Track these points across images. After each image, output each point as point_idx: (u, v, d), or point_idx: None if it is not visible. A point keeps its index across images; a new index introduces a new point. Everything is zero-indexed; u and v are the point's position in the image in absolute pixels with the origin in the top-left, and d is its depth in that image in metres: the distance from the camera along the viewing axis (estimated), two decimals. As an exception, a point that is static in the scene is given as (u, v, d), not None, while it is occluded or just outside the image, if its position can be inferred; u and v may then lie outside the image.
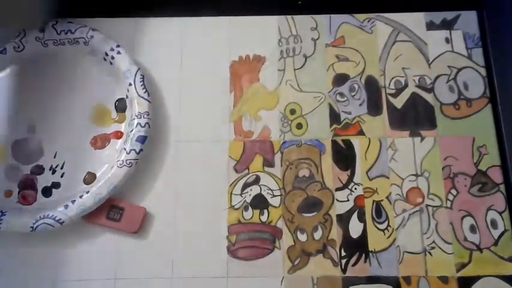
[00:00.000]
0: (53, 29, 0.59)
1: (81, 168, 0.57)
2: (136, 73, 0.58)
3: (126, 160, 0.55)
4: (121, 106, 0.59)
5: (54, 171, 0.57)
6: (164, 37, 0.62)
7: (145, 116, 0.56)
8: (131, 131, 0.56)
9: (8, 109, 0.59)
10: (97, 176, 0.56)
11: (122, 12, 0.61)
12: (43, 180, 0.57)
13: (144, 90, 0.57)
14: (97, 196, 0.54)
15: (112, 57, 0.58)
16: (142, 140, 0.56)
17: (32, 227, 0.52)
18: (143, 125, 0.56)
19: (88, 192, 0.54)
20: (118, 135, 0.58)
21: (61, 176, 0.57)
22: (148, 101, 0.57)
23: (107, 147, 0.58)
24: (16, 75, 0.60)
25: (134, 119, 0.57)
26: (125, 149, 0.56)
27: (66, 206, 0.53)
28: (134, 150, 0.55)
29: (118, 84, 0.59)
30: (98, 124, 0.59)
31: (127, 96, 0.58)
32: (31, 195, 0.56)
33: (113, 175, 0.54)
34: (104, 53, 0.59)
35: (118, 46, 0.59)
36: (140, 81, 0.57)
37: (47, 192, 0.56)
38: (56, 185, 0.56)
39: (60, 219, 0.53)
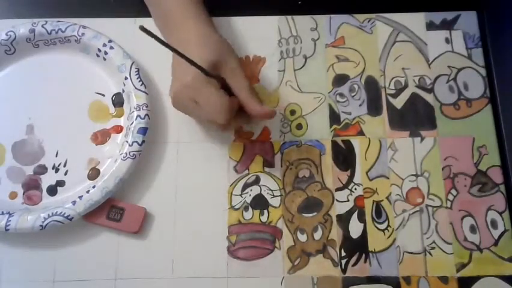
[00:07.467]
0: (43, 29, 0.59)
1: (84, 165, 0.57)
2: (131, 66, 0.58)
3: (130, 152, 0.55)
4: (118, 101, 0.59)
5: (57, 170, 0.57)
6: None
7: (144, 108, 0.57)
8: (132, 123, 0.56)
9: (4, 110, 0.60)
10: (101, 171, 0.56)
11: (122, 12, 0.61)
12: (47, 180, 0.57)
13: (141, 83, 0.57)
14: (104, 190, 0.54)
15: (105, 53, 0.59)
16: (143, 131, 0.56)
17: (41, 225, 0.53)
18: (143, 116, 0.56)
19: (94, 187, 0.54)
20: (118, 129, 0.58)
21: (65, 174, 0.57)
22: (146, 93, 0.57)
23: (108, 142, 0.58)
24: (9, 77, 0.60)
25: (133, 111, 0.57)
26: (127, 141, 0.56)
27: (74, 202, 0.54)
28: (136, 142, 0.55)
29: (113, 79, 0.59)
30: (97, 120, 0.59)
31: (123, 91, 0.59)
32: (36, 195, 0.56)
33: (118, 168, 0.55)
34: (96, 49, 0.59)
35: (110, 41, 0.59)
36: (136, 74, 0.58)
37: (52, 191, 0.56)
38: (61, 183, 0.57)
39: (69, 215, 0.53)
